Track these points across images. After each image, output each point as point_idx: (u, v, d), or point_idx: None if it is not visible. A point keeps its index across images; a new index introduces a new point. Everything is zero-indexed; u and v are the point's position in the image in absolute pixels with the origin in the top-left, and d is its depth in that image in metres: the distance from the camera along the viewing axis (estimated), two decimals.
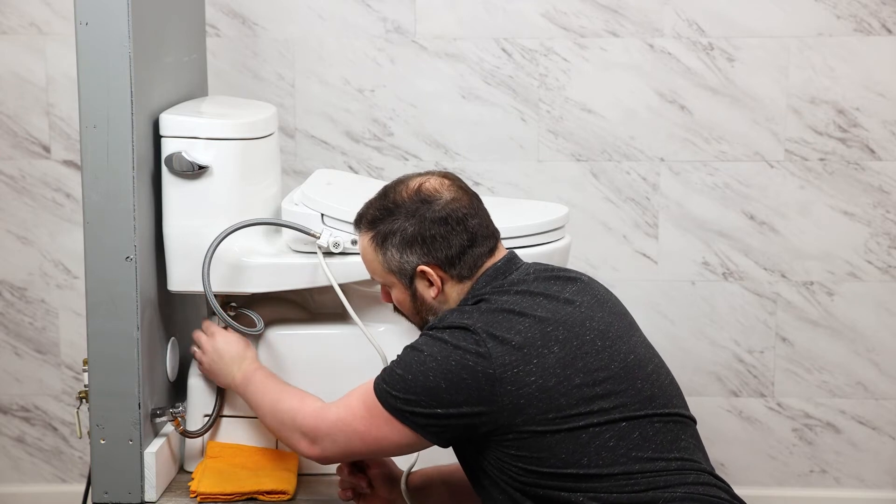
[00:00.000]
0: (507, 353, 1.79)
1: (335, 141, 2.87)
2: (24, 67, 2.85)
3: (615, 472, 1.78)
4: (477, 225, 1.93)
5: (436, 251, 1.91)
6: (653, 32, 2.82)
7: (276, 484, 2.19)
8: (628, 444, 1.80)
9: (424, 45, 2.84)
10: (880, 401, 2.93)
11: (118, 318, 2.12)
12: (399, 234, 1.92)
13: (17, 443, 2.99)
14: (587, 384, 1.80)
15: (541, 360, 1.79)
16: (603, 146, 2.86)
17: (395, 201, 1.94)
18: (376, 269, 1.98)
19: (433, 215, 1.91)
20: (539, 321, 1.82)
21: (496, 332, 1.81)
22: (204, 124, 2.20)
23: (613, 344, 1.85)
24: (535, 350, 1.80)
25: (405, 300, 1.98)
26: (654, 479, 1.79)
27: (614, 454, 1.79)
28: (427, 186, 1.93)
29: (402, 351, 1.89)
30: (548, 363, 1.79)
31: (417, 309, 1.98)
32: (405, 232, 1.92)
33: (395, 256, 1.93)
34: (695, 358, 2.92)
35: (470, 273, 1.93)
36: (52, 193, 2.89)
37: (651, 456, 1.80)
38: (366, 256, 2.00)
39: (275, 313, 2.33)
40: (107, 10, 2.05)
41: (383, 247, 1.94)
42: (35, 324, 2.94)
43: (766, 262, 2.89)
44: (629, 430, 1.80)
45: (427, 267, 1.92)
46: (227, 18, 2.83)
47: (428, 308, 1.96)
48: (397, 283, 1.97)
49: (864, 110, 2.83)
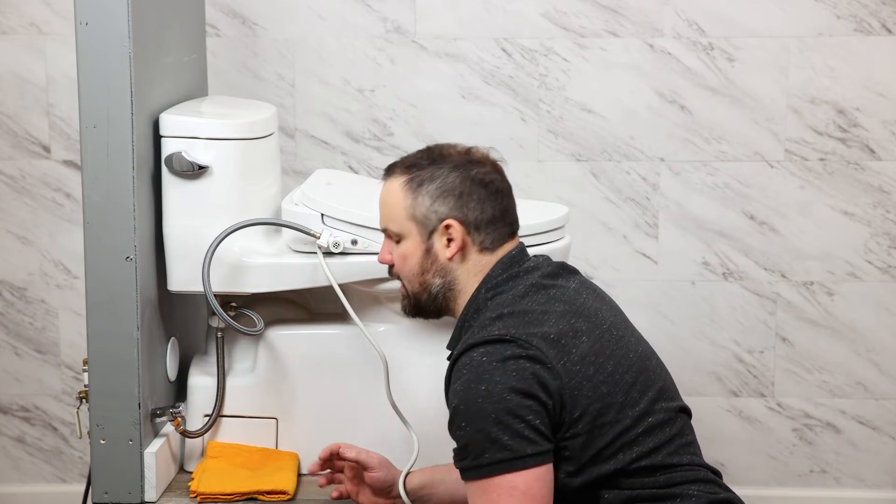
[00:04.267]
0: (549, 346, 1.77)
1: (335, 141, 2.87)
2: (24, 67, 2.85)
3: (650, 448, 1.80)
4: (509, 205, 1.92)
5: (469, 211, 1.87)
6: (653, 32, 2.82)
7: (276, 484, 2.19)
8: (658, 438, 1.81)
9: (424, 45, 2.84)
10: (880, 401, 2.93)
11: (118, 318, 2.12)
12: (439, 182, 1.88)
13: (17, 443, 2.99)
14: (617, 372, 1.80)
15: (577, 349, 1.78)
16: (603, 146, 2.86)
17: (441, 154, 1.91)
18: (397, 214, 1.90)
19: (478, 176, 1.88)
20: (561, 315, 1.82)
21: (532, 330, 1.78)
22: (204, 124, 2.20)
23: (623, 336, 1.86)
24: (570, 341, 1.79)
25: (414, 254, 1.89)
26: (672, 474, 1.80)
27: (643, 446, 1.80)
28: (477, 152, 1.93)
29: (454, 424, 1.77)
30: (583, 352, 1.79)
31: (424, 267, 1.89)
32: (446, 181, 1.88)
33: (425, 203, 1.87)
34: (695, 358, 2.92)
35: (492, 246, 1.89)
36: (52, 193, 2.89)
37: (668, 448, 1.82)
38: (389, 199, 1.91)
39: (275, 313, 2.33)
40: (107, 10, 2.05)
41: (416, 191, 1.88)
42: (35, 324, 2.94)
43: (766, 262, 2.89)
44: (655, 421, 1.82)
45: (455, 222, 1.87)
46: (227, 18, 2.83)
47: (436, 270, 1.89)
48: (414, 234, 1.89)
49: (864, 110, 2.83)
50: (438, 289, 1.90)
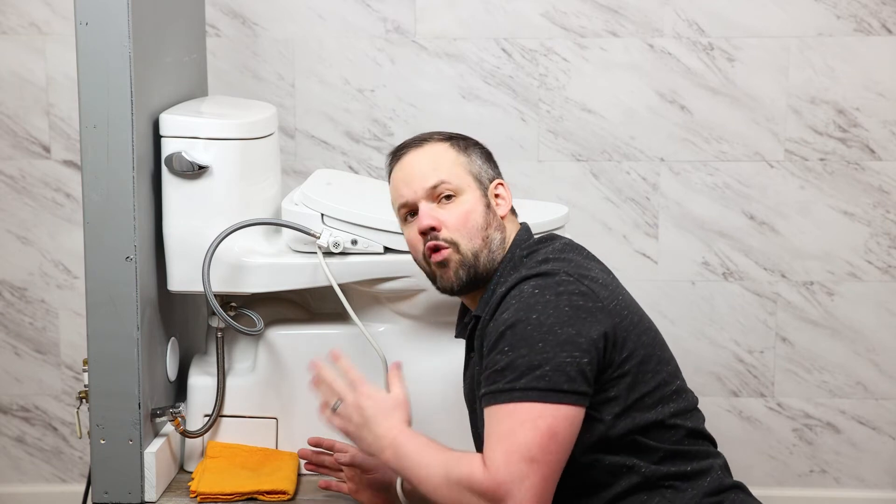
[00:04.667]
0: (600, 288, 1.79)
1: (335, 141, 2.87)
2: (24, 67, 2.85)
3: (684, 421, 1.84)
4: None
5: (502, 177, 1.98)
6: (653, 32, 2.82)
7: (276, 484, 2.19)
8: (685, 404, 1.86)
9: (424, 45, 2.84)
10: (880, 401, 2.93)
11: (118, 318, 2.12)
12: (479, 149, 1.96)
13: (17, 443, 2.99)
14: (652, 329, 1.86)
15: (623, 297, 1.83)
16: (603, 146, 2.86)
17: (456, 134, 1.99)
18: (455, 169, 1.90)
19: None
20: (601, 270, 1.87)
21: (581, 271, 1.80)
22: (204, 124, 2.20)
23: (641, 310, 1.90)
24: (614, 287, 1.84)
25: (478, 209, 1.88)
26: (699, 447, 1.84)
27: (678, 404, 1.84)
28: None
29: (496, 348, 1.74)
30: (627, 301, 1.83)
31: (488, 221, 1.88)
32: (482, 150, 1.96)
33: (478, 162, 1.93)
34: (695, 358, 2.92)
35: (514, 215, 1.97)
36: (52, 193, 2.89)
37: (697, 416, 1.88)
38: (440, 158, 1.91)
39: (275, 313, 2.33)
40: (107, 10, 2.05)
41: (467, 151, 1.93)
42: (35, 324, 2.95)
43: (766, 262, 2.89)
44: (680, 391, 1.86)
45: (504, 182, 1.95)
46: (227, 18, 2.83)
47: (497, 223, 1.90)
48: (474, 189, 1.90)
49: (864, 110, 2.83)
50: (498, 245, 1.89)
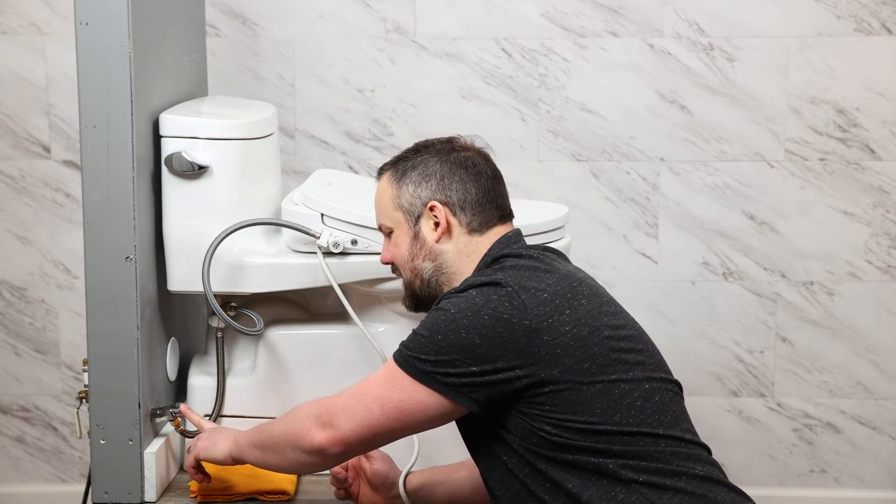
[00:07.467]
0: (540, 304, 1.77)
1: (335, 141, 2.87)
2: (24, 67, 2.85)
3: (644, 430, 1.76)
4: (496, 188, 1.95)
5: (452, 192, 1.91)
6: (653, 32, 2.82)
7: (276, 484, 2.19)
8: (652, 407, 1.79)
9: (424, 45, 2.84)
10: (880, 401, 2.93)
11: (118, 318, 2.12)
12: (420, 168, 1.92)
13: (17, 443, 2.99)
14: (614, 338, 1.80)
15: (572, 310, 1.78)
16: (603, 146, 2.86)
17: (426, 144, 1.97)
18: (386, 207, 1.94)
19: (458, 159, 1.93)
20: (564, 277, 1.83)
21: (528, 284, 1.79)
22: (204, 124, 2.20)
23: (622, 310, 1.87)
24: (566, 301, 1.79)
25: (404, 243, 1.92)
26: (676, 448, 1.78)
27: (642, 414, 1.77)
28: (461, 140, 1.98)
29: (426, 317, 1.81)
30: (579, 314, 1.79)
31: (413, 253, 1.92)
32: (426, 165, 1.92)
33: (409, 190, 1.92)
34: (695, 358, 2.92)
35: (480, 228, 1.91)
36: (52, 193, 2.89)
37: (670, 422, 1.80)
38: (380, 197, 1.96)
39: (275, 313, 2.33)
40: (107, 10, 2.05)
41: (400, 181, 1.93)
42: (35, 324, 2.95)
43: (766, 262, 2.89)
44: (651, 393, 1.80)
45: (438, 203, 1.90)
46: (227, 18, 2.83)
47: (425, 254, 1.91)
48: (402, 222, 1.93)
49: (864, 110, 2.83)
50: (430, 273, 1.91)
